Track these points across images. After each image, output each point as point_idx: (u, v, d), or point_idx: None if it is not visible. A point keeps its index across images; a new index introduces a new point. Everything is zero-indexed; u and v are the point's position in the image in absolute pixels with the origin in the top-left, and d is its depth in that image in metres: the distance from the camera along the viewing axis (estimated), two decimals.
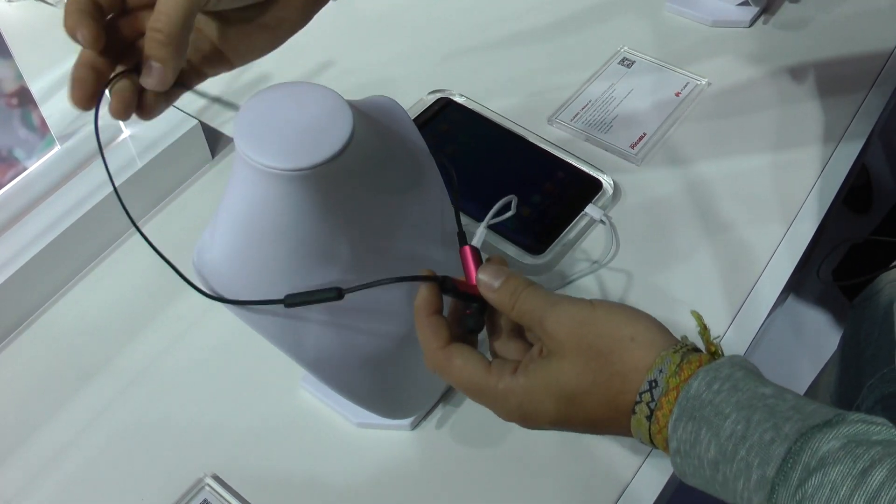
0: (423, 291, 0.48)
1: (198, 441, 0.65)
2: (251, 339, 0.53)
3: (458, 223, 0.52)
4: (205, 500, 0.61)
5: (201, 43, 0.50)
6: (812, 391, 0.86)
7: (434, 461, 0.63)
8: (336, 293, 0.47)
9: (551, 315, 0.45)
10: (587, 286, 0.73)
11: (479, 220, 0.74)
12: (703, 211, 0.78)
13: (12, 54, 0.68)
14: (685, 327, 0.70)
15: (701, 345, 0.46)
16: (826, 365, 0.86)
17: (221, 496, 0.61)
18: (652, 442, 0.45)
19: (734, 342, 0.69)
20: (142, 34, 0.47)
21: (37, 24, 0.98)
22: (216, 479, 0.62)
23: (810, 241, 0.76)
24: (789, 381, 0.46)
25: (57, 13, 0.98)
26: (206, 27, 0.50)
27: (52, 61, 0.85)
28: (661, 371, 0.43)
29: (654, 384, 0.43)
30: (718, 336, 0.68)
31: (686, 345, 0.45)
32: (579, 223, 0.76)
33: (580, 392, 0.44)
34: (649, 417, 0.43)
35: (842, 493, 0.37)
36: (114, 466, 0.64)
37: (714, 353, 0.45)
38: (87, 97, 0.47)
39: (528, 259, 0.73)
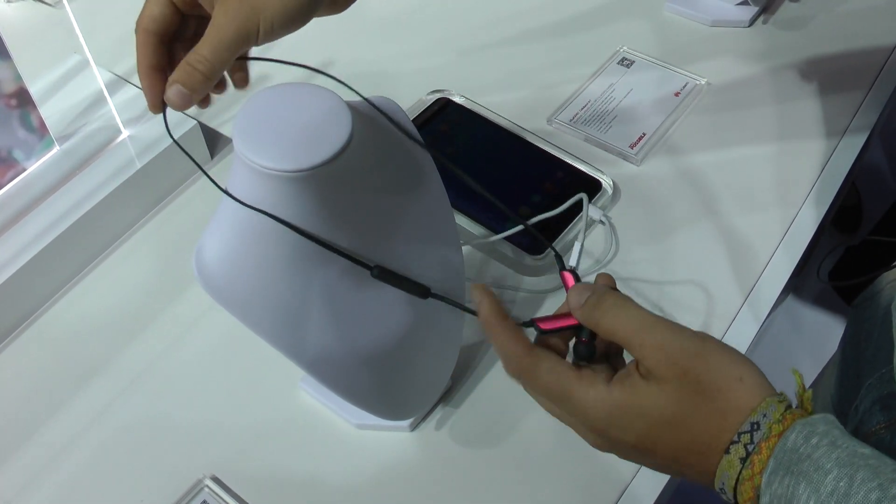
0: (485, 300, 0.46)
1: (197, 442, 0.65)
2: (250, 340, 0.53)
3: (558, 256, 0.49)
4: (204, 502, 0.61)
5: None
6: (812, 392, 0.86)
7: (433, 462, 0.63)
8: (422, 291, 0.48)
9: (652, 336, 0.43)
10: None
11: (479, 220, 0.75)
12: (702, 211, 0.78)
13: (11, 55, 0.68)
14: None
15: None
16: (826, 365, 0.86)
17: (220, 497, 0.61)
18: (735, 492, 0.42)
19: (734, 342, 0.69)
20: None
21: (36, 24, 0.98)
22: (215, 480, 0.62)
23: (810, 242, 0.76)
24: (790, 382, 0.46)
25: (55, 13, 0.98)
26: None
27: (50, 62, 0.85)
28: (765, 416, 0.41)
29: (755, 426, 0.41)
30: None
31: (789, 400, 0.43)
32: (579, 223, 0.76)
33: (676, 421, 0.42)
34: (744, 460, 0.41)
35: None
36: (113, 467, 0.64)
37: (810, 414, 0.43)
38: (155, 103, 0.51)
39: (527, 259, 0.73)
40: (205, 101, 0.52)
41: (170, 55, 0.52)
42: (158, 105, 0.50)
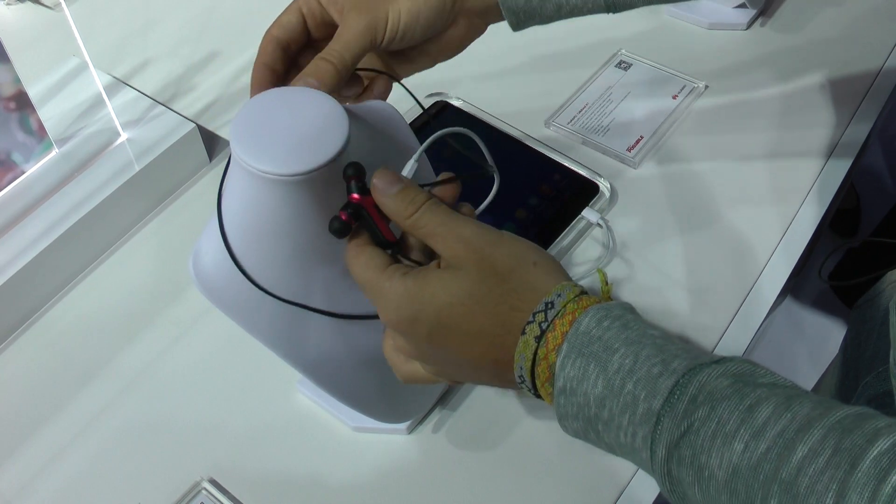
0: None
1: (195, 444, 0.65)
2: (248, 342, 0.53)
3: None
4: None
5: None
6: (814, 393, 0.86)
7: (431, 465, 0.64)
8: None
9: (455, 230, 0.44)
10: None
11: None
12: (700, 214, 0.78)
13: (10, 58, 0.68)
14: (678, 329, 0.70)
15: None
16: (828, 367, 0.86)
17: (218, 499, 0.61)
18: (533, 378, 0.43)
19: (733, 344, 0.69)
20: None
21: (34, 27, 0.99)
22: (213, 482, 0.62)
23: (808, 243, 0.76)
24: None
25: (54, 16, 0.99)
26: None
27: (49, 65, 0.85)
28: (559, 295, 0.43)
29: (549, 305, 0.42)
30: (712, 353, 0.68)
31: (585, 290, 0.44)
32: (576, 226, 0.76)
33: (470, 301, 0.43)
34: (539, 339, 0.42)
35: (728, 427, 0.38)
36: (111, 469, 0.64)
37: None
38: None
39: None
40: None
41: (287, 64, 0.56)
42: None
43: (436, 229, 0.44)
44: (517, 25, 0.60)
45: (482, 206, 0.52)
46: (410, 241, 0.47)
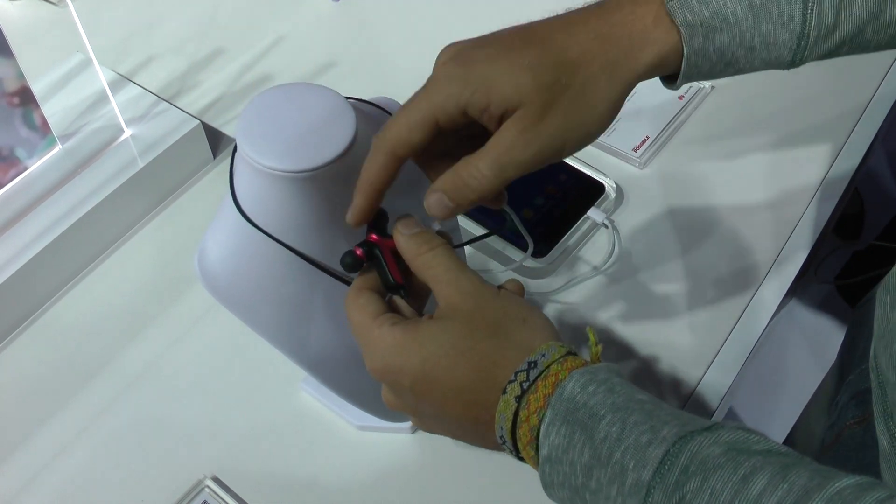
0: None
1: (198, 442, 0.65)
2: (252, 340, 0.52)
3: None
4: (204, 502, 0.61)
5: None
6: (814, 398, 0.86)
7: (434, 464, 0.63)
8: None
9: (457, 280, 0.44)
10: (589, 290, 0.73)
11: (477, 220, 0.75)
12: (704, 215, 0.78)
13: (14, 53, 0.68)
14: (683, 330, 0.70)
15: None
16: (828, 371, 0.86)
17: (221, 497, 0.61)
18: (514, 441, 0.42)
19: (737, 346, 0.69)
20: None
21: (39, 23, 0.98)
22: (216, 480, 0.62)
23: (813, 246, 0.76)
24: (791, 386, 0.46)
25: (59, 12, 0.98)
26: None
27: (53, 60, 0.85)
28: (543, 355, 0.41)
29: (533, 365, 0.41)
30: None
31: (573, 350, 0.43)
32: (582, 226, 0.75)
33: (453, 352, 0.42)
34: (519, 399, 0.41)
35: (722, 499, 0.36)
36: (113, 467, 0.64)
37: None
38: (362, 221, 0.46)
39: (529, 262, 0.73)
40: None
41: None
42: (364, 221, 0.46)
43: (441, 274, 0.44)
44: (679, 86, 0.51)
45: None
46: (415, 287, 0.47)
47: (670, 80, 0.50)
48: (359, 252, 0.46)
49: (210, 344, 0.70)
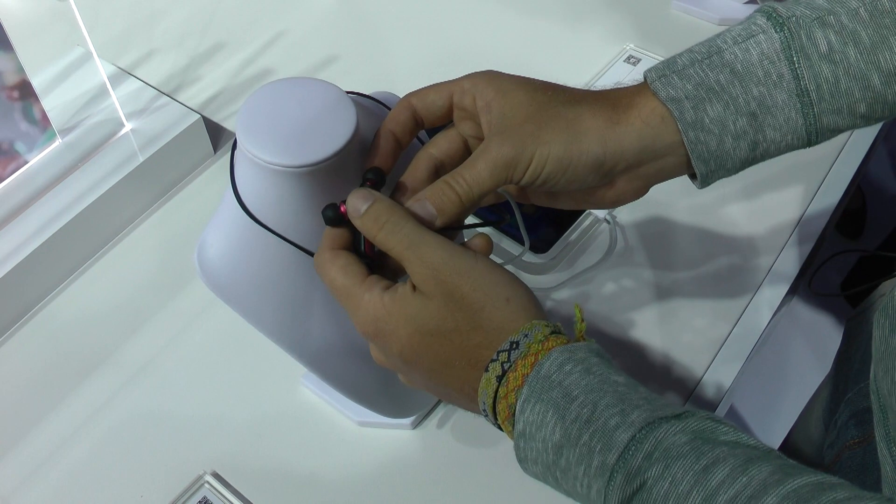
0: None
1: (198, 438, 0.65)
2: (252, 335, 0.52)
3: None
4: (204, 498, 0.61)
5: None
6: (811, 404, 0.85)
7: (435, 460, 0.63)
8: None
9: (422, 255, 0.43)
10: (590, 286, 0.73)
11: (478, 214, 0.74)
12: (707, 212, 0.78)
13: (14, 47, 0.68)
14: (684, 328, 0.70)
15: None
16: (823, 381, 0.85)
17: (221, 493, 0.61)
18: (495, 414, 0.43)
19: (736, 346, 0.69)
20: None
21: (39, 16, 0.98)
22: (216, 476, 0.62)
23: (814, 244, 0.76)
24: (791, 388, 0.45)
25: (59, 6, 0.98)
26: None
27: (53, 54, 0.85)
28: (526, 336, 0.42)
29: (514, 345, 0.42)
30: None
31: (558, 327, 0.44)
32: (583, 222, 0.75)
33: (438, 334, 0.43)
34: (500, 378, 0.42)
35: (681, 488, 0.37)
36: (113, 462, 0.64)
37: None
38: (386, 164, 0.48)
39: (531, 257, 0.72)
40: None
41: (413, 137, 0.50)
42: (377, 163, 0.47)
43: (403, 252, 0.44)
44: (707, 178, 0.51)
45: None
46: (390, 259, 0.46)
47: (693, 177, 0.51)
48: (343, 209, 0.45)
49: (210, 339, 0.70)
